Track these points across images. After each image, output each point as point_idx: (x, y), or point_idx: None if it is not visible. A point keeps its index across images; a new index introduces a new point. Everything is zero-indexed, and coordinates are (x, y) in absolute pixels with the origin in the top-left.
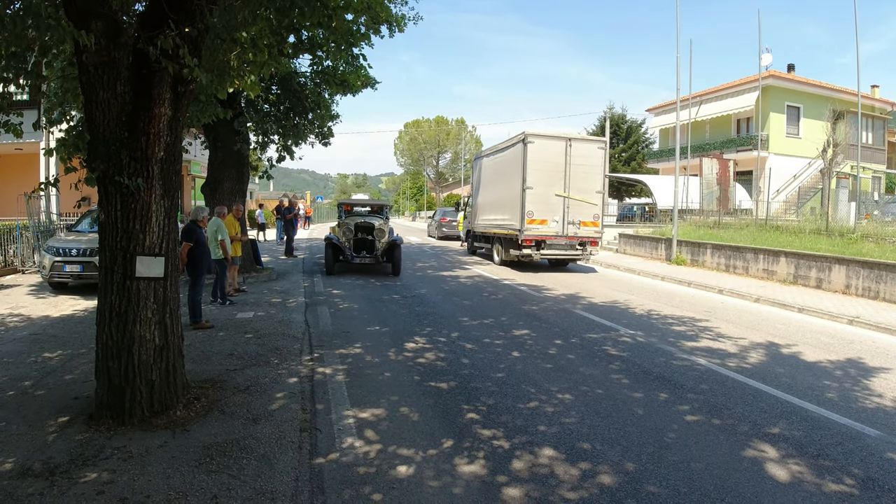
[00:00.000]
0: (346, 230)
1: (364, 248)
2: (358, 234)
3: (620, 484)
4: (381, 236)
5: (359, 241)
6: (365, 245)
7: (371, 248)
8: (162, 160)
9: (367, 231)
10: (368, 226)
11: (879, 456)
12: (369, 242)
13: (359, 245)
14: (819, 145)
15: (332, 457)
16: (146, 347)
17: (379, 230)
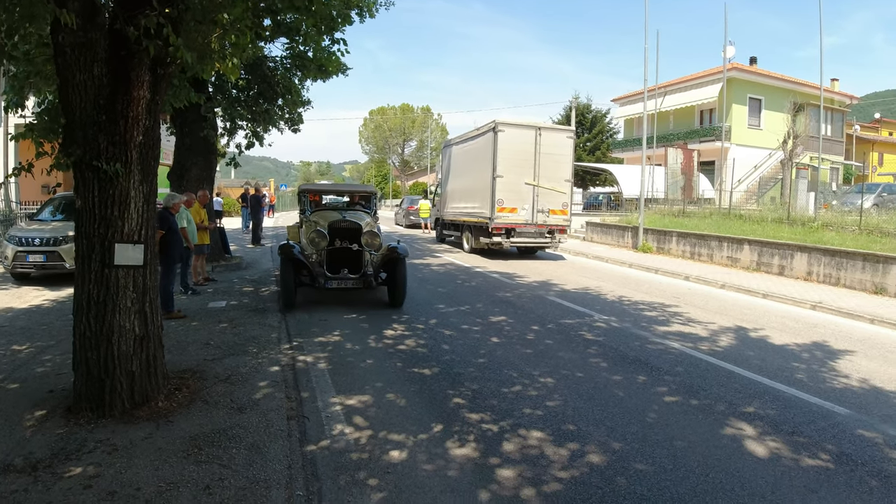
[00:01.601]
0: (317, 236)
1: (346, 263)
2: (336, 242)
3: (609, 462)
4: (374, 244)
5: (337, 254)
6: (348, 259)
7: (357, 263)
8: (141, 144)
9: (351, 236)
10: (352, 227)
11: (850, 433)
12: (354, 255)
13: (337, 259)
14: (779, 137)
15: (324, 444)
16: (126, 337)
17: (369, 233)
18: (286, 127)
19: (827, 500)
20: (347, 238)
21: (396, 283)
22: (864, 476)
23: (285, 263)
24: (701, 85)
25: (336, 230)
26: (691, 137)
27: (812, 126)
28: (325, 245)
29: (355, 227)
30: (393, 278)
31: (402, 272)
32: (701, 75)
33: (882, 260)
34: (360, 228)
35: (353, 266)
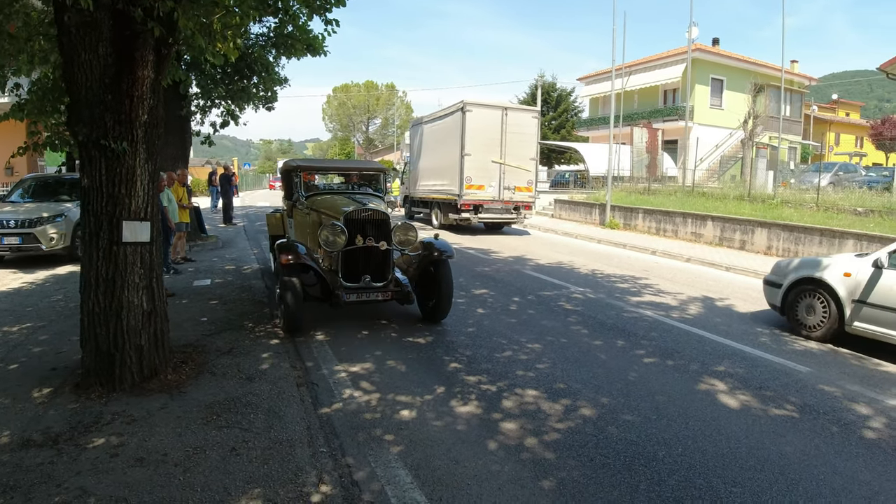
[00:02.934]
0: (331, 232)
1: (369, 268)
2: (357, 240)
3: (600, 415)
4: (409, 240)
5: (356, 256)
6: (370, 262)
7: (383, 267)
8: (145, 123)
9: (376, 231)
10: (377, 219)
11: (812, 387)
12: (380, 256)
13: (356, 263)
14: (740, 117)
15: (336, 406)
16: (135, 313)
17: (403, 227)
18: (260, 105)
19: (794, 443)
20: (371, 233)
21: (441, 293)
22: (825, 423)
23: (289, 272)
24: (665, 65)
25: (354, 223)
26: (655, 117)
27: (772, 106)
28: (342, 244)
29: (382, 217)
30: (435, 287)
31: (448, 279)
32: (665, 56)
33: (838, 235)
34: (388, 219)
35: (377, 271)
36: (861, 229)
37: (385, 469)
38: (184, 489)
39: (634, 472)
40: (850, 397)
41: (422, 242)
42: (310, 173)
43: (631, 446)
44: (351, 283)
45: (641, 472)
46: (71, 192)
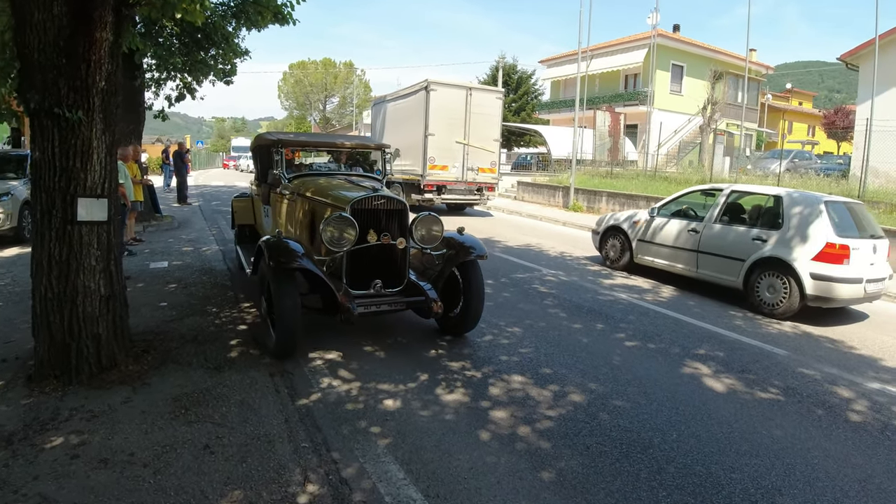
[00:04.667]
0: (337, 226)
1: (380, 270)
2: (369, 237)
3: (590, 401)
4: (435, 236)
5: (364, 257)
6: (383, 263)
7: (397, 269)
8: (103, 90)
9: (390, 224)
10: (394, 209)
11: (792, 370)
12: (394, 256)
13: (366, 265)
14: (698, 103)
15: (315, 397)
16: (91, 298)
17: (427, 219)
18: (217, 79)
19: (783, 426)
20: (385, 227)
21: (470, 302)
22: (810, 406)
23: (285, 280)
24: (626, 50)
25: (364, 214)
26: (616, 101)
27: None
28: (352, 239)
29: (398, 207)
30: (463, 294)
31: (479, 285)
32: (627, 40)
33: None
34: (406, 209)
35: (391, 275)
36: None
37: (374, 464)
38: (155, 493)
39: (633, 460)
40: (830, 380)
41: (444, 239)
42: (294, 150)
43: (625, 433)
44: (358, 289)
45: (640, 459)
46: (17, 170)
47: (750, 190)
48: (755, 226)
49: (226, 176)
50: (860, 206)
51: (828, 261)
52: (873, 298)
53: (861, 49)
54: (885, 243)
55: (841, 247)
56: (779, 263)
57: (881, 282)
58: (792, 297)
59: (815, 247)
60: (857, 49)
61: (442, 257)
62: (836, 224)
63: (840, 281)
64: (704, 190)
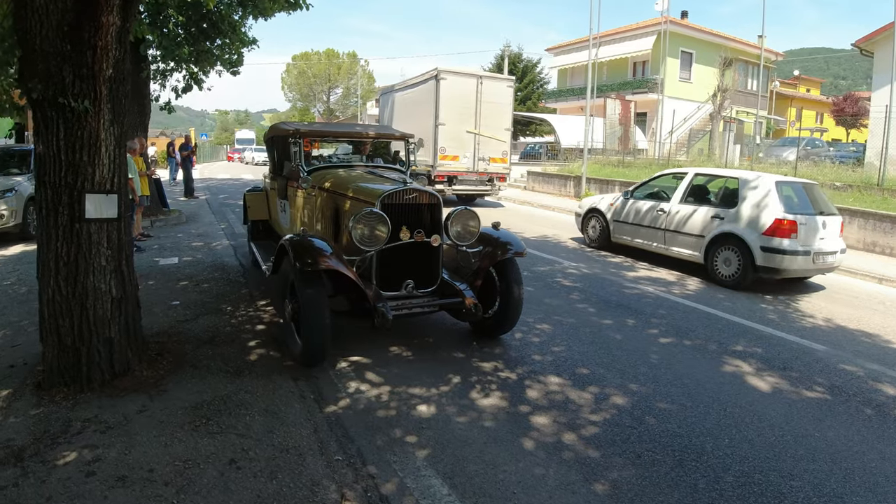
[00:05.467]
0: (367, 222)
1: (411, 270)
2: (401, 235)
3: (633, 403)
4: (471, 232)
5: (395, 256)
6: (414, 261)
7: (430, 268)
8: (110, 79)
9: (422, 220)
10: (427, 203)
11: (834, 367)
12: (427, 254)
13: (396, 264)
14: (708, 90)
15: (343, 404)
16: (102, 300)
17: (464, 213)
18: (225, 69)
19: (834, 427)
20: (418, 223)
21: (509, 302)
22: (858, 406)
23: (313, 283)
24: (634, 37)
25: (395, 209)
26: (624, 89)
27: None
28: (387, 238)
29: (432, 201)
30: (500, 294)
31: (519, 283)
32: (634, 27)
33: None
34: (440, 204)
35: (424, 274)
36: (841, 204)
37: (415, 479)
38: None
39: (688, 469)
40: (873, 377)
41: (480, 235)
42: (313, 140)
43: (675, 439)
44: (389, 290)
45: (695, 468)
46: (21, 165)
47: (711, 173)
48: (715, 205)
49: (231, 168)
50: (815, 185)
51: (777, 235)
52: (825, 270)
53: (876, 35)
54: (835, 219)
55: (789, 222)
56: (733, 238)
57: (832, 255)
58: (745, 269)
59: (765, 222)
60: (873, 35)
61: (478, 255)
62: (786, 202)
63: (788, 253)
64: (674, 174)
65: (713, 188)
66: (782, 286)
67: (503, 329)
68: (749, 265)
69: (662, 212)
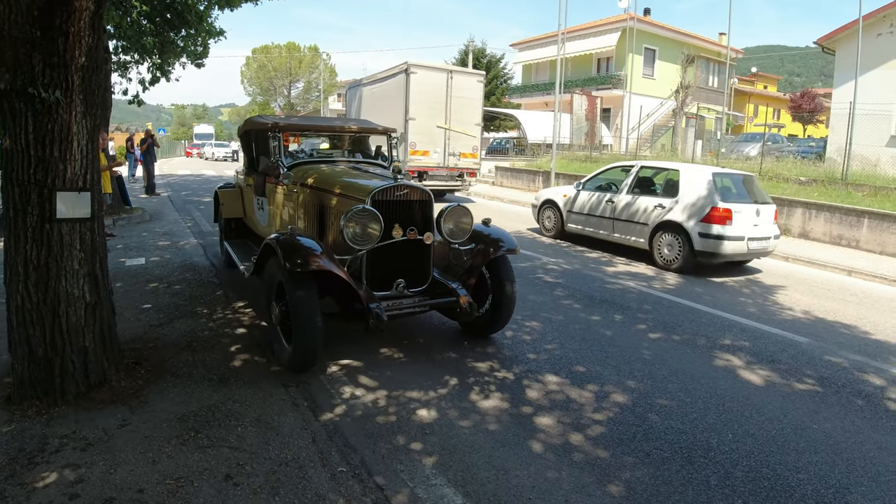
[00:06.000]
0: (359, 221)
1: (403, 269)
2: (394, 232)
3: (634, 401)
4: (464, 229)
5: (386, 254)
6: (405, 260)
7: (421, 267)
8: (83, 67)
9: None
10: (418, 199)
11: (820, 359)
12: (418, 252)
13: (386, 262)
14: (671, 86)
15: (340, 410)
16: (75, 307)
17: (458, 210)
18: (189, 62)
19: (830, 419)
20: (409, 220)
21: (502, 300)
22: (849, 397)
23: (302, 284)
24: (599, 34)
25: (386, 206)
26: (588, 85)
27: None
28: (379, 237)
29: (423, 198)
30: (493, 292)
31: (511, 281)
32: (599, 24)
33: (787, 203)
34: (431, 200)
35: (415, 273)
36: (807, 198)
37: (426, 488)
38: None
39: (698, 466)
40: (858, 367)
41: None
42: (293, 135)
43: (681, 436)
44: (379, 290)
45: (704, 464)
46: None
47: (656, 165)
48: (658, 195)
49: (190, 164)
50: (752, 177)
51: (713, 222)
52: (760, 254)
53: (838, 33)
54: (770, 208)
55: (724, 210)
56: (674, 226)
57: (765, 240)
58: (685, 254)
59: (703, 210)
60: (835, 33)
61: (470, 252)
62: (723, 192)
63: (724, 238)
64: (622, 167)
65: (657, 180)
66: (755, 279)
67: (495, 328)
68: (689, 250)
69: (611, 202)
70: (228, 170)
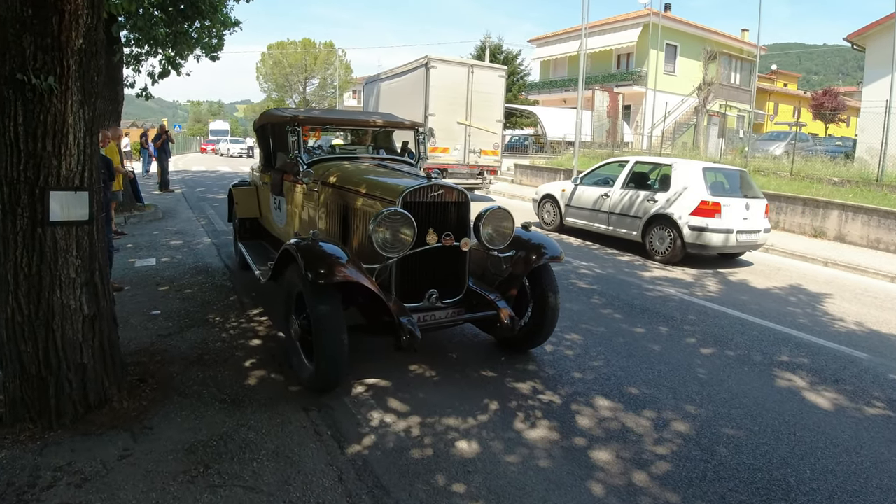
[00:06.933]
0: (390, 225)
1: (435, 278)
2: (428, 238)
3: (697, 431)
4: (505, 233)
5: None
6: (439, 268)
7: (457, 275)
8: (80, 51)
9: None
10: (454, 201)
11: (884, 377)
12: (458, 260)
13: (419, 272)
14: (693, 83)
15: (368, 441)
16: (72, 320)
17: (498, 213)
18: (204, 54)
19: None
20: (444, 224)
21: (545, 311)
22: None
23: (327, 296)
24: (619, 29)
25: (419, 209)
26: (608, 81)
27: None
28: (412, 243)
29: (460, 199)
30: (535, 302)
31: (555, 292)
32: (619, 19)
33: (822, 205)
34: (468, 202)
35: (450, 282)
36: (842, 199)
37: None
38: None
39: None
40: None
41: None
42: (313, 129)
43: (755, 473)
44: (410, 302)
45: None
46: None
47: (648, 160)
48: (651, 189)
49: (205, 160)
50: (745, 172)
51: (703, 215)
52: (749, 247)
53: (869, 29)
54: (760, 202)
55: (713, 203)
56: (665, 218)
57: (755, 233)
58: (675, 245)
59: (692, 204)
60: (866, 29)
61: (510, 260)
62: (712, 185)
63: (712, 231)
64: (618, 162)
65: (651, 174)
66: (799, 285)
67: (535, 342)
68: (679, 242)
69: (606, 196)
70: (244, 166)
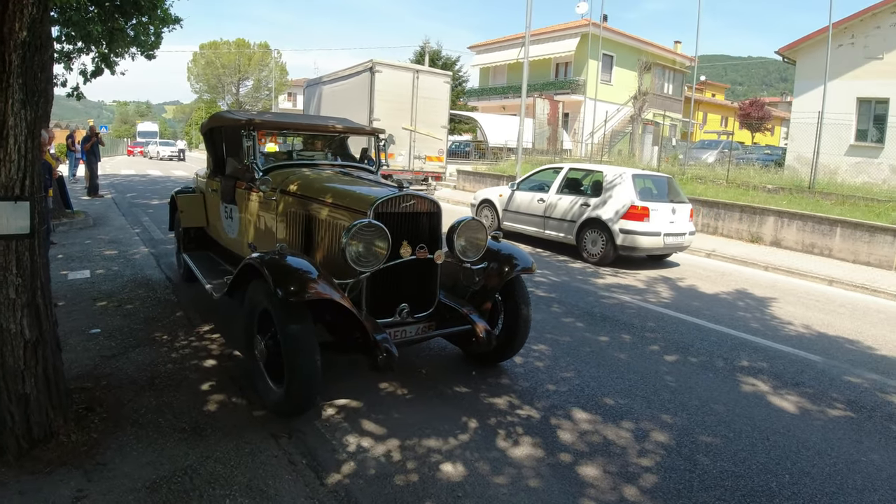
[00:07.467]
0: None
1: (409, 291)
2: (402, 251)
3: (677, 440)
4: (479, 244)
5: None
6: (410, 281)
7: (430, 289)
8: (24, 44)
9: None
10: (426, 211)
11: (840, 379)
12: (430, 273)
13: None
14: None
15: (348, 469)
16: (12, 346)
17: (472, 224)
18: (139, 53)
19: (875, 449)
20: (416, 236)
21: (517, 324)
22: (883, 422)
23: (298, 315)
24: (558, 38)
25: (388, 219)
26: (547, 89)
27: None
28: (387, 256)
29: (432, 209)
30: (506, 315)
31: (527, 304)
32: (558, 28)
33: (759, 211)
34: (440, 212)
35: (420, 296)
36: (777, 206)
37: None
38: None
39: None
40: (878, 387)
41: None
42: (268, 132)
43: (738, 480)
44: (382, 317)
45: None
46: None
47: (581, 167)
48: (584, 195)
49: (134, 164)
50: (671, 178)
51: (632, 219)
52: (676, 249)
53: (800, 43)
54: (685, 207)
55: (642, 208)
56: (598, 222)
57: (681, 236)
58: (607, 248)
59: (623, 208)
60: (796, 43)
61: (482, 272)
62: (641, 191)
63: (642, 234)
64: (553, 168)
65: (584, 181)
66: (744, 290)
67: (506, 355)
68: (611, 245)
69: (542, 201)
70: (176, 170)
